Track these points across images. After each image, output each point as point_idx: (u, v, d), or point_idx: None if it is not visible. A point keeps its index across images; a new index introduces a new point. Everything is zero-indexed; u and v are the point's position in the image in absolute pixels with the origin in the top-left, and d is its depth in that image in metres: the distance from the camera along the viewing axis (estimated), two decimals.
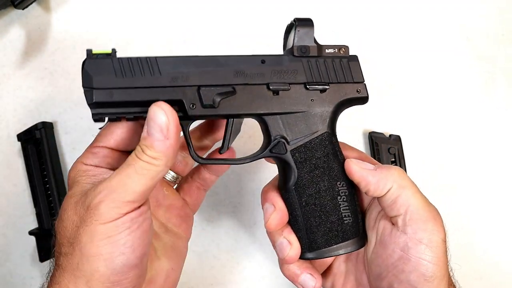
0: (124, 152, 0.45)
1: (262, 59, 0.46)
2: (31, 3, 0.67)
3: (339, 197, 0.47)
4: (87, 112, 0.70)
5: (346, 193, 0.47)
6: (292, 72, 0.46)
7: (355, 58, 0.48)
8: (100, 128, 0.67)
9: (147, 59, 0.43)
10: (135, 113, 0.43)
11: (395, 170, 0.46)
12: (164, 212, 0.52)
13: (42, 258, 0.66)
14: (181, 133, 0.44)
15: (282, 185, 0.48)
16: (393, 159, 0.70)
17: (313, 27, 0.47)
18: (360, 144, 0.72)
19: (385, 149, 0.70)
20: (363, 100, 0.49)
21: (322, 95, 0.46)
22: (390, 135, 0.71)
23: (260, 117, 0.46)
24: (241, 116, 0.46)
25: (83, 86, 0.42)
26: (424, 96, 0.73)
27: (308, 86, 0.46)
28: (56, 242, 0.42)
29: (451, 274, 0.48)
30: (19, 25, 0.69)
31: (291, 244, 0.46)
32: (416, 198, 0.45)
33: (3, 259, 0.68)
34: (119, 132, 0.44)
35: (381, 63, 0.72)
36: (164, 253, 0.49)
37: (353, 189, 0.48)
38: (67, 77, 0.69)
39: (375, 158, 0.70)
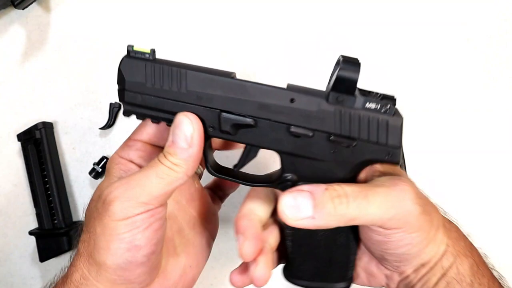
0: (157, 148, 0.47)
1: (292, 98, 0.42)
2: (31, 3, 0.67)
3: (334, 246, 0.45)
4: (87, 112, 0.70)
5: (343, 243, 0.45)
6: (320, 119, 0.41)
7: (397, 120, 0.42)
8: (100, 128, 0.67)
9: (178, 72, 0.42)
10: (160, 118, 0.43)
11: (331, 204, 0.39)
12: (196, 206, 0.52)
13: (42, 258, 0.66)
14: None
15: None
16: None
17: (359, 73, 0.41)
18: None
19: None
20: (392, 164, 0.44)
21: (346, 149, 0.42)
22: None
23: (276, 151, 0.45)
24: (256, 146, 0.44)
25: (117, 83, 0.43)
26: (425, 96, 0.72)
27: (331, 138, 0.42)
28: (80, 228, 0.45)
29: (441, 215, 0.46)
30: (19, 25, 0.69)
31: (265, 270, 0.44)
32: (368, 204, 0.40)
33: (3, 259, 0.68)
34: (153, 126, 0.46)
35: (381, 63, 0.72)
36: (184, 249, 0.49)
37: (353, 239, 0.45)
38: (67, 77, 0.69)
39: None
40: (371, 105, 0.42)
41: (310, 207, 0.39)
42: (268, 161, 0.67)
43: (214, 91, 0.42)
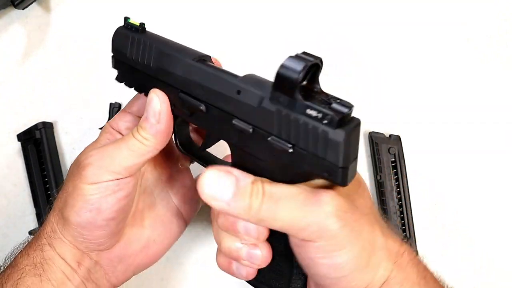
0: None
1: (239, 90, 0.39)
2: (31, 3, 0.67)
3: (274, 252, 0.42)
4: (87, 112, 0.70)
5: (283, 252, 0.42)
6: (261, 117, 0.37)
7: (339, 134, 0.34)
8: (100, 128, 0.67)
9: (149, 46, 0.45)
10: (140, 89, 0.47)
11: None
12: (174, 186, 0.54)
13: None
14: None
15: None
16: (393, 159, 0.70)
17: (302, 71, 0.35)
18: (360, 144, 0.71)
19: (385, 149, 0.70)
20: (335, 183, 0.36)
21: (286, 154, 0.37)
22: (390, 135, 0.71)
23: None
24: (208, 131, 0.46)
25: (111, 50, 0.47)
26: (425, 96, 0.72)
27: (269, 139, 0.37)
28: (61, 187, 0.49)
29: (388, 236, 0.41)
30: (19, 25, 0.69)
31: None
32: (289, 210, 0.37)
33: (3, 259, 0.68)
34: (140, 101, 0.50)
35: (381, 63, 0.72)
36: (152, 224, 0.52)
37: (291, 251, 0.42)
38: (67, 77, 0.69)
39: (375, 158, 0.70)
40: (312, 112, 0.35)
41: (230, 192, 0.37)
42: None
43: (175, 69, 0.43)
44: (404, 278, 0.39)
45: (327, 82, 0.57)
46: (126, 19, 0.46)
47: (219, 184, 0.38)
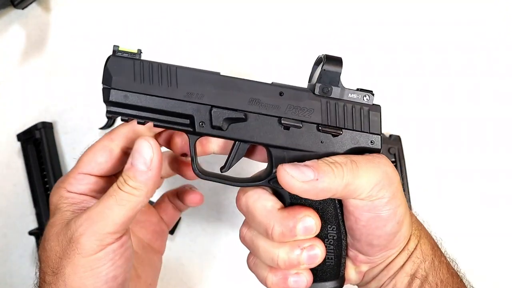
0: (108, 178, 0.46)
1: (281, 91, 0.44)
2: (31, 3, 0.67)
3: (326, 240, 0.45)
4: (87, 112, 0.70)
5: (335, 237, 0.46)
6: (308, 111, 0.44)
7: (377, 108, 0.46)
8: (100, 128, 0.67)
9: (168, 68, 0.43)
10: (147, 118, 0.43)
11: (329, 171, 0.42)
12: (140, 228, 0.52)
13: None
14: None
15: None
16: (393, 159, 0.70)
17: (341, 67, 0.44)
18: None
19: (385, 149, 0.70)
20: (375, 151, 0.46)
21: (334, 139, 0.45)
22: (390, 135, 0.71)
23: (266, 146, 0.45)
24: (247, 142, 0.45)
25: (102, 83, 0.42)
26: (425, 97, 0.72)
27: (320, 128, 0.44)
28: (40, 269, 0.43)
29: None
30: (19, 25, 0.69)
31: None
32: (363, 175, 0.42)
33: (3, 259, 0.68)
34: (102, 160, 0.45)
35: (381, 63, 0.72)
36: (143, 270, 0.51)
37: (343, 233, 0.46)
38: (67, 77, 0.69)
39: None
40: (353, 96, 0.45)
41: (311, 172, 0.41)
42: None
43: (205, 87, 0.43)
44: (419, 231, 0.47)
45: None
46: (116, 47, 0.42)
47: (300, 170, 0.41)
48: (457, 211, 0.72)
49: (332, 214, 0.45)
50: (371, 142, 0.45)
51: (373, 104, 0.46)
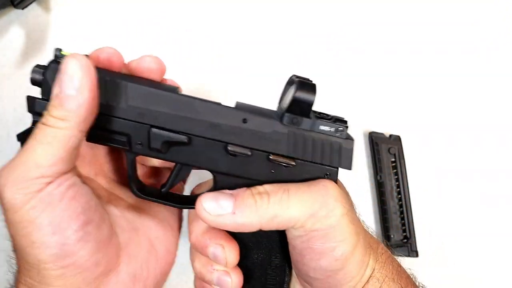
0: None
1: (244, 118, 0.39)
2: (31, 3, 0.67)
3: (268, 267, 0.43)
4: None
5: (278, 265, 0.43)
6: (274, 141, 0.39)
7: (350, 143, 0.40)
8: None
9: (117, 84, 0.37)
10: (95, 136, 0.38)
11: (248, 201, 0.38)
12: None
13: None
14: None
15: None
16: (393, 159, 0.70)
17: (315, 95, 0.39)
18: (360, 144, 0.72)
19: (385, 149, 0.70)
20: None
21: (285, 168, 0.40)
22: (390, 135, 0.71)
23: (210, 171, 0.41)
24: (189, 166, 0.41)
25: (41, 94, 0.37)
26: (425, 97, 0.72)
27: (271, 158, 0.39)
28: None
29: (369, 233, 0.43)
30: (18, 25, 0.69)
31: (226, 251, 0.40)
32: (296, 198, 0.38)
33: (3, 259, 0.68)
34: None
35: (382, 63, 0.72)
36: (144, 222, 0.43)
37: (286, 259, 0.43)
38: None
39: (375, 158, 0.70)
40: (325, 128, 0.40)
41: (231, 204, 0.37)
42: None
43: (159, 107, 0.37)
44: (383, 275, 0.40)
45: (329, 82, 0.57)
46: (58, 51, 0.36)
47: (218, 200, 0.37)
48: (457, 211, 0.72)
49: (277, 242, 0.42)
50: (327, 174, 0.40)
51: (347, 138, 0.40)
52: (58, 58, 0.36)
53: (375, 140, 0.70)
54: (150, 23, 0.70)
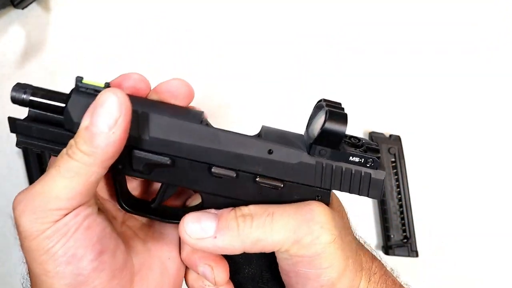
0: None
1: (270, 149, 0.37)
2: (31, 3, 0.66)
3: (260, 281, 0.42)
4: None
5: (270, 279, 0.42)
6: (301, 172, 0.38)
7: (381, 173, 0.38)
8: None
9: (140, 115, 0.36)
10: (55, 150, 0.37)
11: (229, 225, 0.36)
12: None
13: None
14: None
15: None
16: (393, 159, 0.70)
17: (346, 125, 0.36)
18: None
19: (385, 149, 0.70)
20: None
21: (274, 191, 0.38)
22: (390, 135, 0.71)
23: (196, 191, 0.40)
24: (174, 185, 0.39)
25: (65, 126, 0.35)
26: (425, 97, 0.72)
27: (257, 180, 0.37)
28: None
29: (363, 251, 0.42)
30: (18, 25, 0.69)
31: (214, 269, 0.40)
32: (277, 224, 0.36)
33: (2, 259, 0.68)
34: None
35: (382, 64, 0.72)
36: (156, 242, 0.43)
37: (278, 275, 0.42)
38: (67, 77, 0.69)
39: None
40: (355, 159, 0.38)
41: (213, 226, 0.36)
42: None
43: (182, 139, 0.36)
44: None
45: (329, 82, 0.57)
46: (79, 80, 0.35)
47: (201, 222, 0.36)
48: (457, 211, 0.72)
49: (267, 258, 0.41)
50: (317, 196, 0.38)
51: (377, 168, 0.38)
52: (79, 87, 0.35)
53: (375, 140, 0.70)
54: (150, 23, 0.70)
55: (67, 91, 0.37)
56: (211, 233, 0.36)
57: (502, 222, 0.72)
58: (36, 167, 0.66)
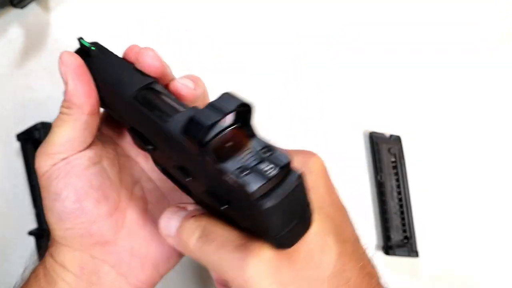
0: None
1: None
2: (30, 2, 0.66)
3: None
4: None
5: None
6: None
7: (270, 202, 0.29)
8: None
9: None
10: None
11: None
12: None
13: (42, 259, 0.66)
14: None
15: None
16: (393, 159, 0.70)
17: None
18: (360, 144, 0.72)
19: (385, 149, 0.70)
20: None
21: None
22: (390, 135, 0.71)
23: None
24: None
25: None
26: (425, 97, 0.72)
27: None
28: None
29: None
30: (18, 24, 0.69)
31: None
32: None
33: (2, 259, 0.68)
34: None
35: (382, 63, 0.72)
36: (156, 202, 0.46)
37: None
38: None
39: (375, 158, 0.70)
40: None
41: (175, 228, 0.37)
42: None
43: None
44: None
45: (329, 82, 0.57)
46: (80, 39, 0.42)
47: (170, 220, 0.38)
48: (458, 211, 0.72)
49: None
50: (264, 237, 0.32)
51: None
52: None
53: (375, 140, 0.70)
54: (150, 23, 0.70)
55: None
56: (173, 234, 0.38)
57: (502, 222, 0.72)
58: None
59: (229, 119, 0.29)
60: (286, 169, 0.27)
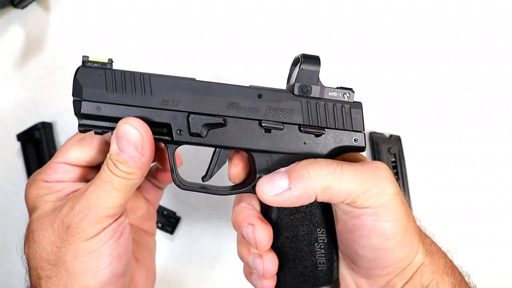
0: (85, 167, 0.45)
1: (259, 93, 0.43)
2: (30, 3, 0.66)
3: (316, 244, 0.45)
4: None
5: (325, 241, 0.45)
6: (289, 112, 0.43)
7: (358, 105, 0.45)
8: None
9: (141, 76, 0.42)
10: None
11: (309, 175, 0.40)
12: (130, 214, 0.51)
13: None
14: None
15: None
16: (393, 159, 0.70)
17: (320, 66, 0.44)
18: None
19: (385, 149, 0.70)
20: (359, 149, 0.45)
21: (316, 139, 0.44)
22: (390, 135, 0.71)
23: (248, 151, 0.44)
24: (228, 148, 0.44)
25: (73, 95, 0.41)
26: (425, 97, 0.72)
27: (302, 129, 0.43)
28: (31, 268, 0.42)
29: (418, 223, 0.45)
30: (18, 24, 0.69)
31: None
32: (346, 175, 0.40)
33: (2, 259, 0.68)
34: (80, 149, 0.45)
35: (382, 63, 0.72)
36: (140, 253, 0.50)
37: (333, 235, 0.45)
38: (66, 76, 0.69)
39: (375, 159, 0.70)
40: (333, 94, 0.45)
41: (286, 181, 0.40)
42: None
43: (181, 93, 0.42)
44: (434, 266, 0.42)
45: (329, 82, 0.56)
46: (85, 57, 0.41)
47: (273, 182, 0.40)
48: (457, 211, 0.72)
49: (321, 217, 0.45)
50: (355, 140, 0.44)
51: (354, 102, 0.45)
52: (85, 63, 0.41)
53: (375, 140, 0.70)
54: (150, 22, 0.70)
55: (69, 91, 0.42)
56: (286, 186, 0.40)
57: (502, 222, 0.72)
58: (36, 167, 0.66)
59: None
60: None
